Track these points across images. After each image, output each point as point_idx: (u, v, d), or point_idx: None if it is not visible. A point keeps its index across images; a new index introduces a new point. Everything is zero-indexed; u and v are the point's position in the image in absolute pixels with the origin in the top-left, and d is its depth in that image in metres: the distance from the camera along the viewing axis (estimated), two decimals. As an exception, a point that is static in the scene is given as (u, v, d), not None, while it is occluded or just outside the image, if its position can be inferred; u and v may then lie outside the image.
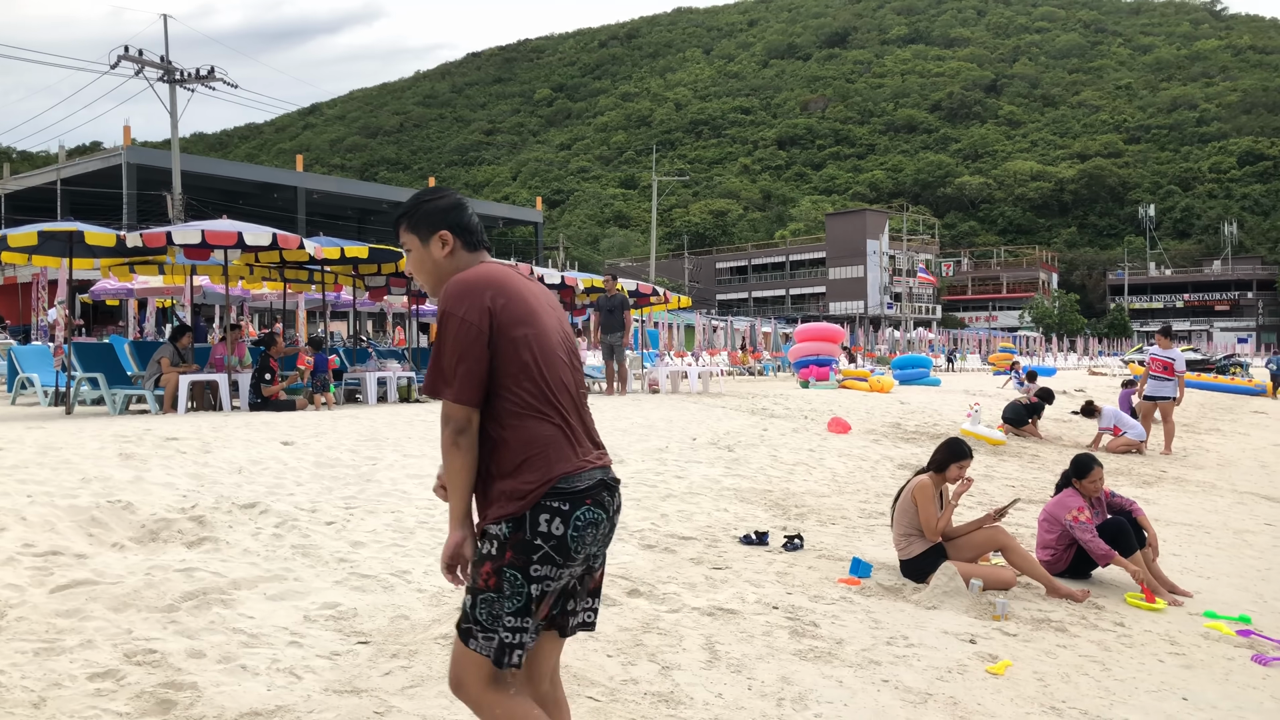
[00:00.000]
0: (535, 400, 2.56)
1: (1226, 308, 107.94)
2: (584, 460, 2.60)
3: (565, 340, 2.72)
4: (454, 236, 2.71)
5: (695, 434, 11.42)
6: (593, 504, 2.57)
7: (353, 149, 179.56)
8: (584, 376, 2.72)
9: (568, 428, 2.60)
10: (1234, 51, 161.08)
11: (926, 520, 6.00)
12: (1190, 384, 34.57)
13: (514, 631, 2.52)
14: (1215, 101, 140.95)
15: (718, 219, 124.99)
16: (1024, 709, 4.18)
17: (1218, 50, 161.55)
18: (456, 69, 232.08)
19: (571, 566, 2.58)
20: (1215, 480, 12.37)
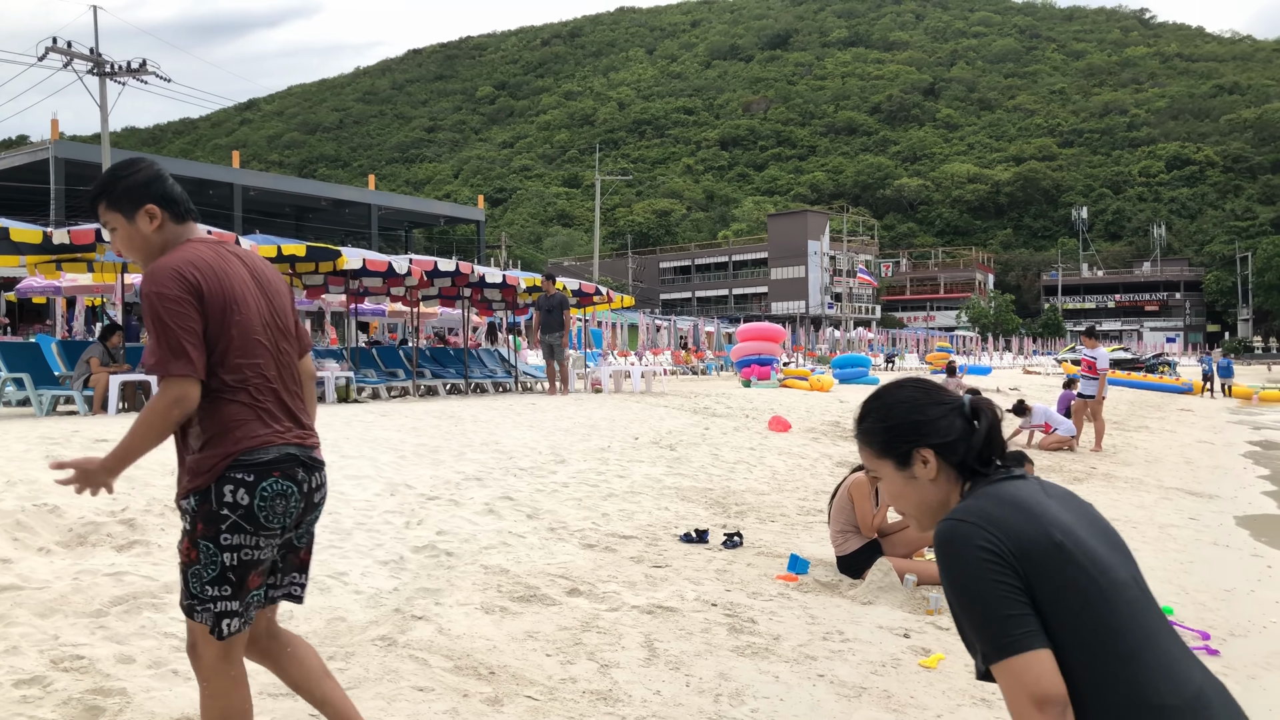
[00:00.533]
0: (230, 380, 2.65)
1: (1156, 308, 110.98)
2: (275, 436, 2.68)
3: (271, 321, 2.78)
4: (160, 209, 2.73)
5: (637, 433, 11.46)
6: (281, 476, 2.65)
7: (291, 145, 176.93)
8: (293, 358, 2.81)
9: (259, 407, 2.68)
10: (1162, 59, 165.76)
11: (862, 517, 6.09)
12: (1120, 382, 35.62)
13: (218, 600, 2.62)
14: (1144, 107, 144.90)
15: (661, 219, 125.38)
16: (955, 701, 4.27)
17: (1147, 57, 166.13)
18: (397, 65, 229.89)
19: (268, 536, 2.65)
20: (1143, 476, 12.72)
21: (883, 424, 1.90)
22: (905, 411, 1.89)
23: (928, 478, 1.87)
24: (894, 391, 1.94)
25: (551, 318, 16.29)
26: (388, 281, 16.26)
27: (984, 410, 1.87)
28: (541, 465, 8.75)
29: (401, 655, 4.12)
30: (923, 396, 1.91)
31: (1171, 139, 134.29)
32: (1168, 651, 1.65)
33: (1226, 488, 12.94)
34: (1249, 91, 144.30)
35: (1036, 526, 1.65)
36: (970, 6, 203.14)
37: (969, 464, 1.84)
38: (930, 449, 1.85)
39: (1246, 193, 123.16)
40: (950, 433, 1.84)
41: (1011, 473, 1.81)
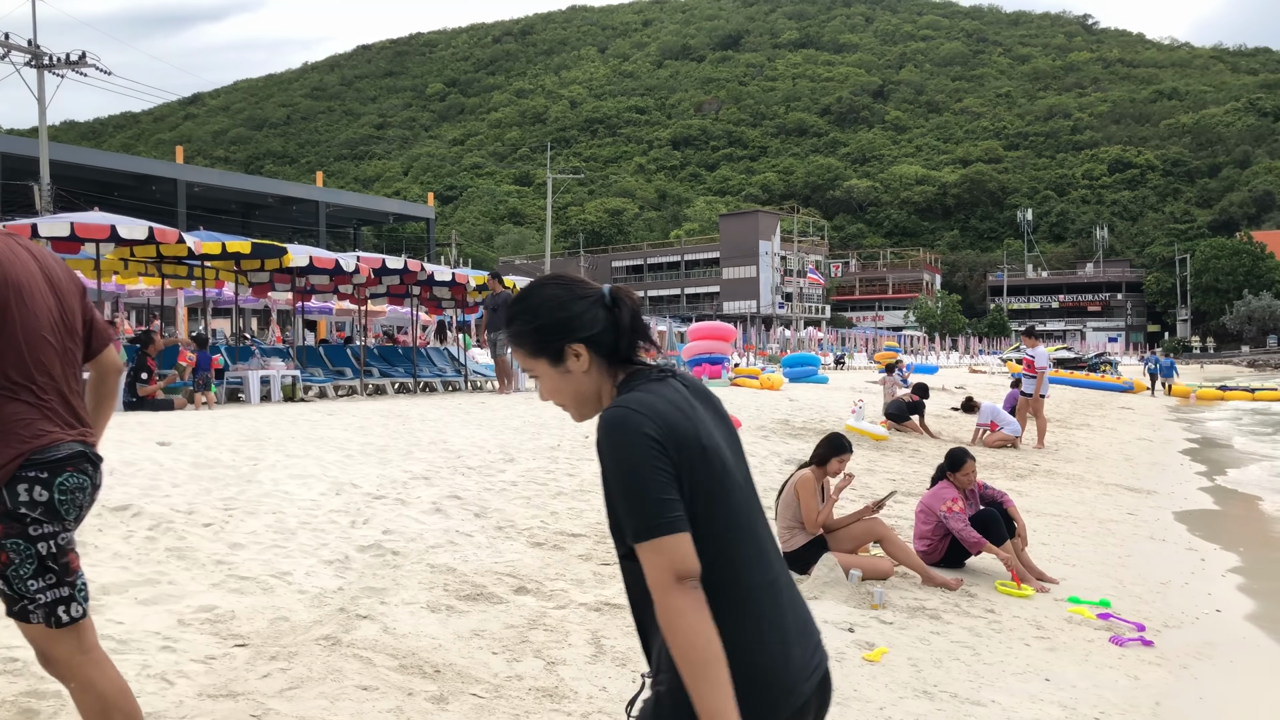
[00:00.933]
0: (16, 378, 2.62)
1: (1098, 308, 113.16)
2: (63, 434, 2.67)
3: (60, 321, 2.75)
4: None
5: (587, 432, 11.45)
6: (74, 470, 2.66)
7: (237, 141, 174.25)
8: (77, 357, 2.82)
9: (44, 405, 2.66)
10: (1104, 64, 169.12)
11: (808, 513, 6.16)
12: (1063, 381, 36.29)
13: (46, 590, 2.60)
14: (1087, 111, 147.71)
15: (614, 218, 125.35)
16: (898, 694, 4.33)
17: (1090, 62, 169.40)
18: (346, 61, 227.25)
19: (69, 526, 2.66)
20: (1084, 473, 12.98)
21: (531, 325, 1.95)
22: (551, 310, 1.93)
23: (581, 370, 1.94)
24: (537, 292, 1.98)
25: (497, 316, 16.20)
26: (335, 279, 16.09)
27: (623, 299, 1.95)
28: (490, 464, 8.72)
29: (346, 654, 4.08)
30: (565, 293, 1.95)
31: (1113, 143, 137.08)
32: (760, 543, 1.89)
33: (1164, 484, 13.26)
34: (1187, 97, 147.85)
35: (690, 426, 1.82)
36: (918, 10, 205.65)
37: (619, 353, 1.94)
38: (580, 343, 1.91)
39: (1185, 196, 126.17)
40: (596, 324, 1.92)
41: (664, 373, 1.93)
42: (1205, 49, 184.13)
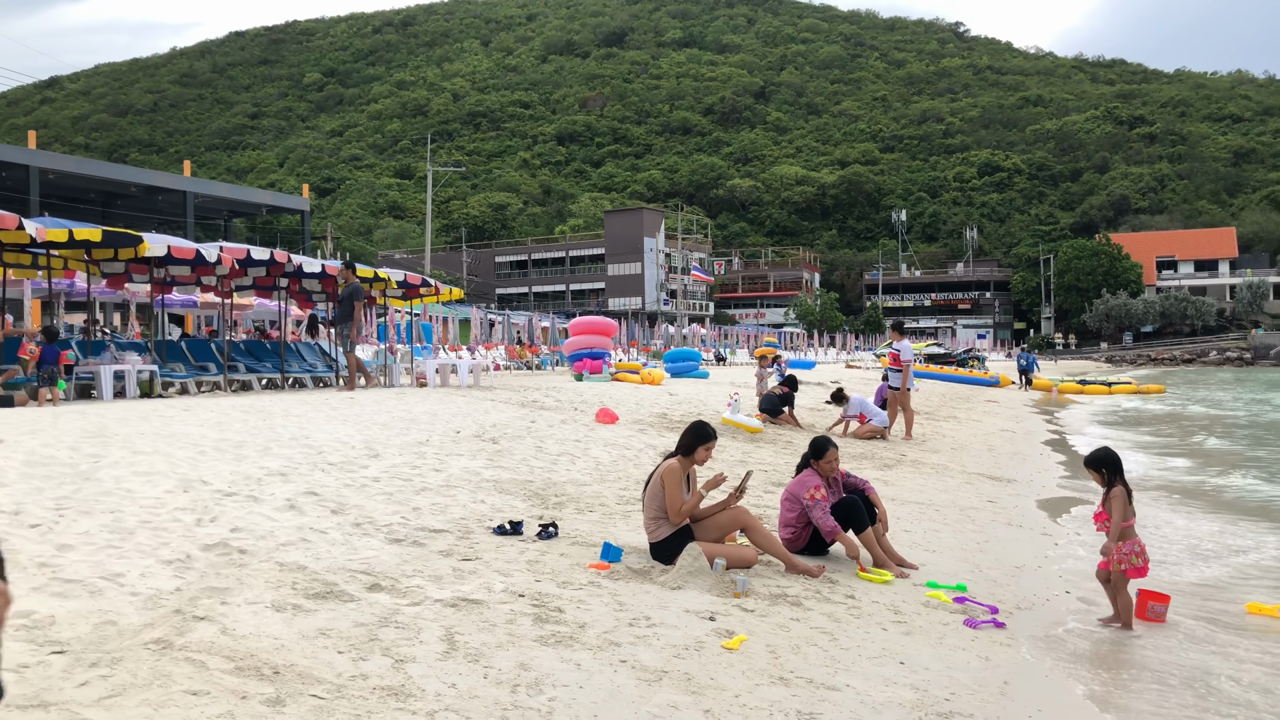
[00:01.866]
0: None
1: (968, 306, 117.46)
2: None
3: None
4: None
5: (460, 427, 11.24)
6: None
7: (100, 128, 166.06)
8: None
9: None
10: (975, 70, 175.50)
11: (672, 503, 6.12)
12: (933, 376, 37.48)
13: None
14: (959, 116, 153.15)
15: (497, 212, 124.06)
16: (754, 680, 4.32)
17: (961, 69, 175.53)
18: (218, 48, 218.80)
19: None
20: (948, 463, 13.37)
21: None
22: None
23: None
24: None
25: (342, 309, 15.68)
26: (197, 270, 15.41)
27: None
28: (353, 460, 8.44)
29: (177, 658, 3.84)
30: None
31: (983, 147, 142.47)
32: None
33: (1024, 473, 13.77)
34: (1051, 104, 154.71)
35: None
36: (799, 13, 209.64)
37: None
38: None
39: (1049, 199, 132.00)
40: None
41: None
42: (1068, 59, 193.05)
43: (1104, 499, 6.05)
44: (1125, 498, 5.94)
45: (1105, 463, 6.05)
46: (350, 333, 15.42)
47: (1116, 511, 5.94)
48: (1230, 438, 21.31)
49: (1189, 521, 10.38)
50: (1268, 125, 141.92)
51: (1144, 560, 5.98)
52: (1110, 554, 6.01)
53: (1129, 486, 6.06)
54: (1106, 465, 6.04)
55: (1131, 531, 5.98)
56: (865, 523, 6.76)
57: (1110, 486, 5.99)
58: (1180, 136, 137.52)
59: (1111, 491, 5.97)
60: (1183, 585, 7.38)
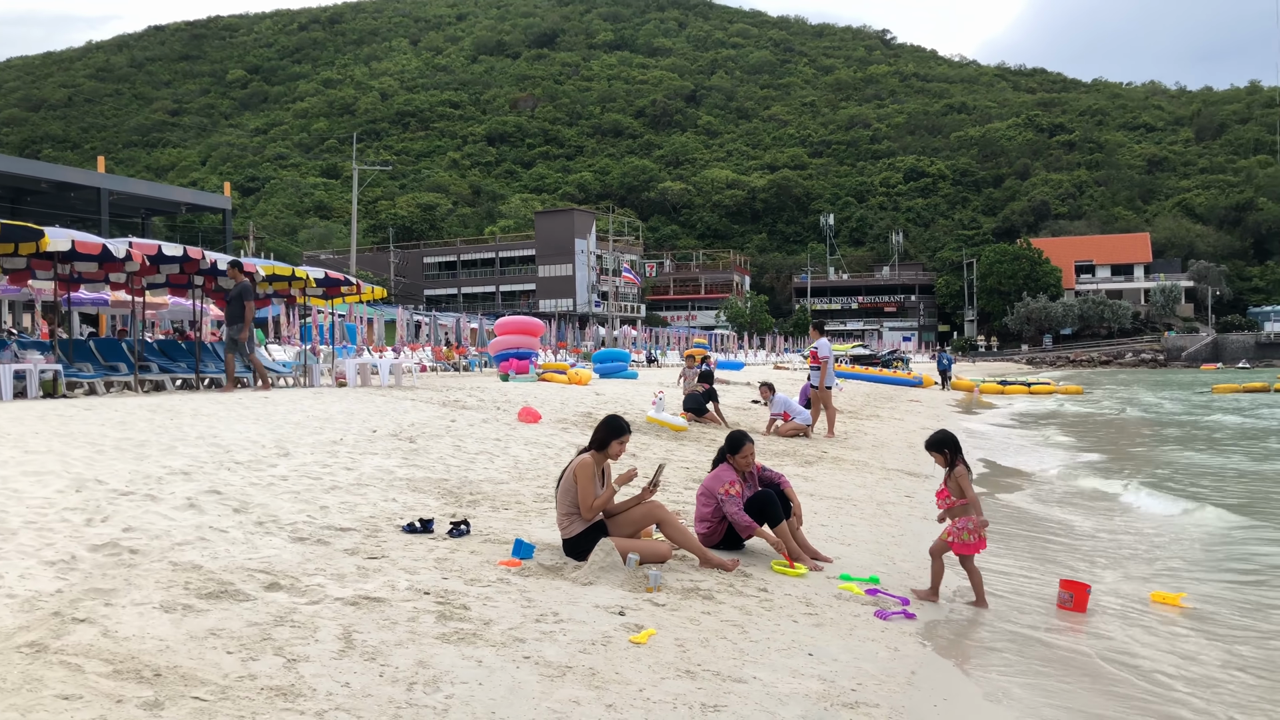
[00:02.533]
0: None
1: (894, 309, 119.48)
2: None
3: None
4: None
5: (376, 426, 11.02)
6: None
7: (11, 123, 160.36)
8: None
9: None
10: (901, 77, 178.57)
11: (585, 498, 6.04)
12: (858, 376, 37.94)
13: None
14: (885, 122, 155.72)
15: (426, 213, 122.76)
16: (660, 674, 4.26)
17: (888, 75, 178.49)
18: (136, 42, 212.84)
19: None
20: (868, 459, 13.51)
21: None
22: None
23: None
24: None
25: (231, 309, 15.25)
26: (105, 267, 14.90)
27: None
28: (261, 459, 8.20)
29: (50, 662, 3.65)
30: None
31: (909, 153, 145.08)
32: None
33: (940, 469, 13.96)
34: (974, 112, 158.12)
35: None
36: (729, 18, 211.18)
37: None
38: None
39: (972, 204, 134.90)
40: None
41: None
42: (991, 67, 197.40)
43: (946, 477, 6.30)
44: (967, 476, 6.23)
45: (945, 444, 6.33)
46: (241, 334, 14.92)
47: (966, 489, 6.19)
48: (1140, 437, 21.95)
49: (1085, 519, 10.62)
50: (1179, 135, 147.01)
51: (978, 538, 6.18)
52: (957, 527, 6.21)
53: (969, 466, 6.37)
54: (947, 446, 6.32)
55: (970, 509, 6.19)
56: (780, 517, 6.75)
57: (952, 466, 6.26)
58: (1097, 144, 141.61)
59: (955, 471, 6.24)
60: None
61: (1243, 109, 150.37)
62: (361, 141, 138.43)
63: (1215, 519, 10.25)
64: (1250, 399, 35.63)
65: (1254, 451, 17.56)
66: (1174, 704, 4.86)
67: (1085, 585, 6.50)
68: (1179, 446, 18.74)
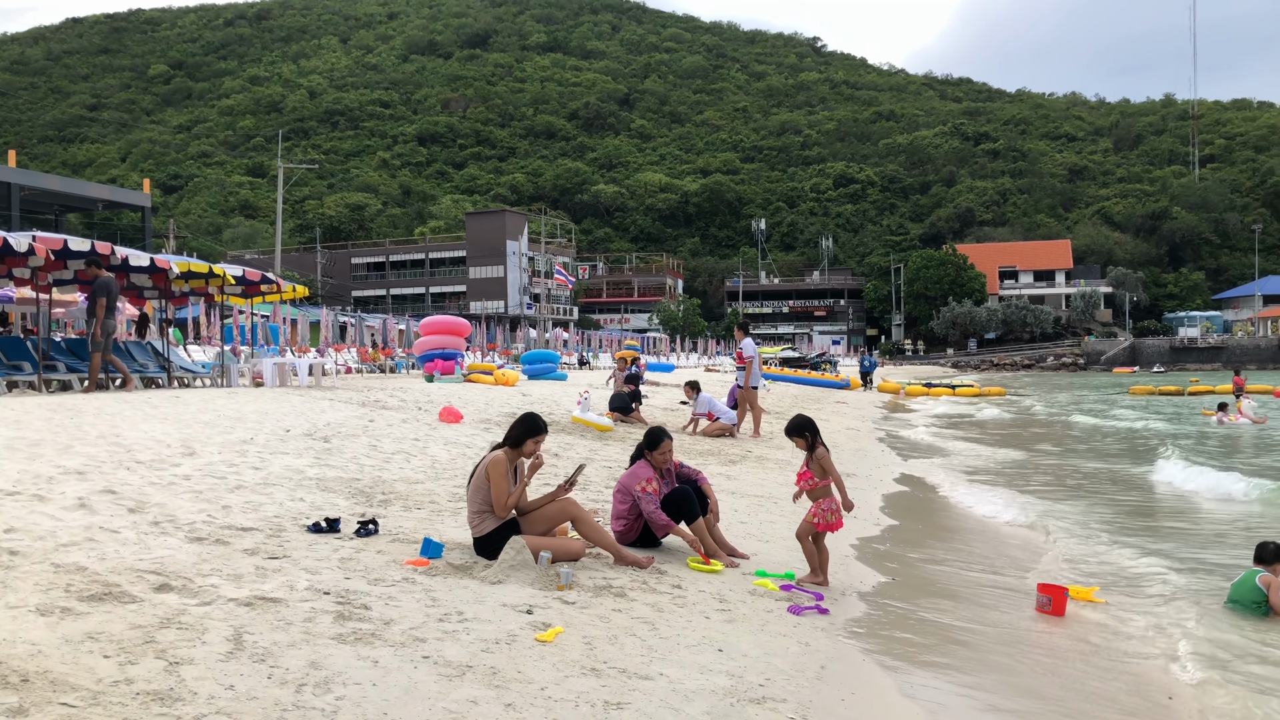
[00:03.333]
0: None
1: (824, 313, 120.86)
2: None
3: None
4: None
5: (291, 425, 10.74)
6: None
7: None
8: None
9: None
10: (831, 85, 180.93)
11: (497, 495, 5.91)
12: (788, 379, 38.24)
13: None
14: (816, 129, 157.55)
15: (355, 213, 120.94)
16: (564, 673, 4.15)
17: (818, 83, 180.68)
18: (53, 34, 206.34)
19: None
20: (792, 458, 13.54)
21: None
22: None
23: None
24: None
25: (89, 305, 14.72)
26: (8, 261, 14.32)
27: None
28: (164, 458, 7.91)
29: (-93, 669, 3.42)
30: None
31: (838, 159, 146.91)
32: None
33: (865, 467, 14.10)
34: (903, 119, 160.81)
35: None
36: (662, 23, 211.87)
37: None
38: None
39: (900, 210, 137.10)
40: None
41: None
42: (919, 76, 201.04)
43: (807, 460, 6.51)
44: (828, 457, 6.50)
45: (805, 428, 6.55)
46: (94, 331, 14.34)
47: (829, 468, 6.45)
48: (1051, 440, 22.45)
49: (1007, 510, 10.79)
50: (1098, 145, 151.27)
51: (838, 517, 6.42)
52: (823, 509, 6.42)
53: (827, 448, 6.62)
54: (807, 430, 6.54)
55: (830, 490, 6.42)
56: (696, 513, 6.70)
57: (813, 449, 6.48)
58: (1021, 153, 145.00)
59: (815, 454, 6.48)
60: (1006, 571, 7.60)
61: (1158, 121, 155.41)
62: (289, 140, 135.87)
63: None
64: (1156, 401, 36.78)
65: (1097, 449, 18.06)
66: (1090, 699, 4.90)
67: (1063, 589, 6.52)
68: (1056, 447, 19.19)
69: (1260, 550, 6.59)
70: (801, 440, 6.50)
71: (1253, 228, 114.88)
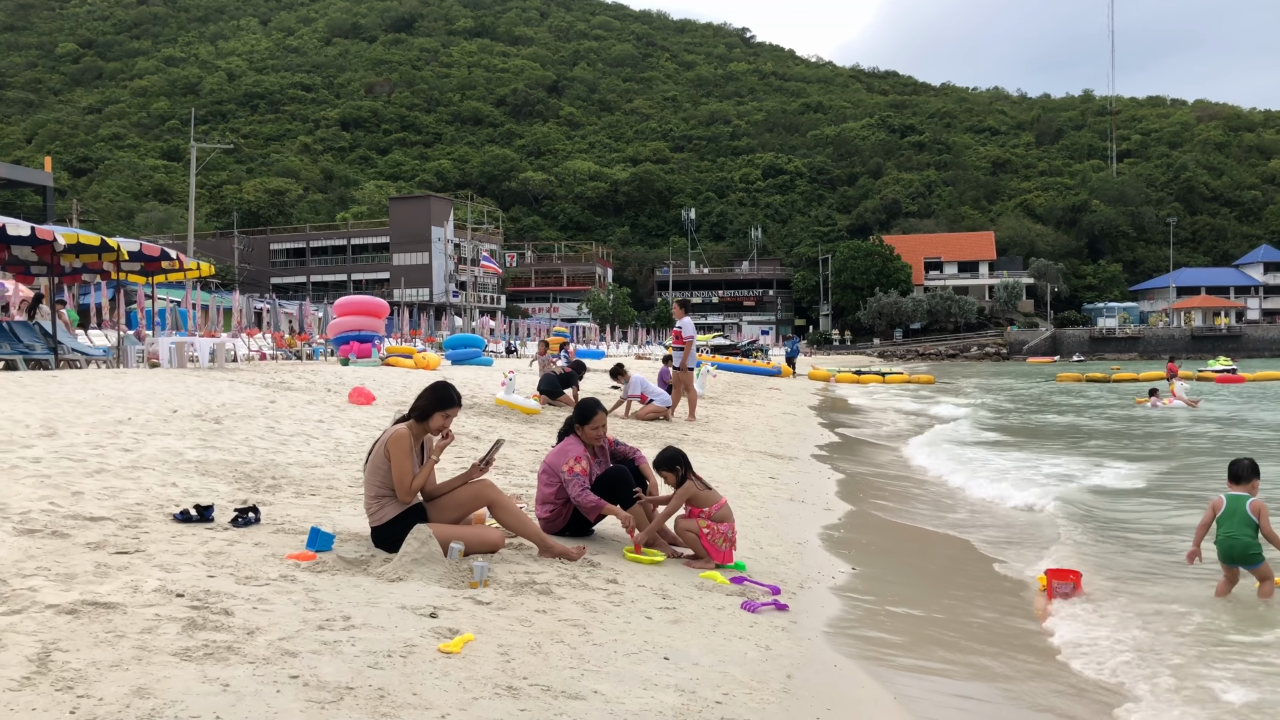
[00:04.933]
0: None
1: (753, 303, 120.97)
2: None
3: None
4: None
5: (180, 406, 9.64)
6: None
7: None
8: None
9: None
10: (760, 76, 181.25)
11: (400, 477, 5.00)
12: (719, 366, 37.68)
13: None
14: (745, 119, 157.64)
15: (275, 198, 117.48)
16: (472, 692, 3.29)
17: (747, 73, 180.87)
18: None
19: None
20: (730, 442, 12.82)
21: None
22: None
23: None
24: None
25: None
26: None
27: None
28: (16, 439, 6.82)
29: None
30: None
31: (767, 150, 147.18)
32: None
33: (805, 450, 13.42)
34: (830, 111, 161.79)
35: None
36: (591, 10, 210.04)
37: None
38: None
39: (828, 201, 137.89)
40: None
41: None
42: (846, 69, 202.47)
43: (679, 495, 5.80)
44: (697, 492, 5.79)
45: (676, 461, 5.87)
46: None
47: (695, 500, 5.78)
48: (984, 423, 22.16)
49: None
50: (1020, 138, 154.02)
51: (730, 545, 5.77)
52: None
53: (700, 477, 5.95)
54: (679, 463, 5.86)
55: (726, 513, 5.79)
56: (633, 496, 5.87)
57: (682, 482, 5.80)
58: (946, 146, 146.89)
59: (682, 488, 5.78)
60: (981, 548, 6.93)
61: (1078, 116, 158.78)
62: (206, 123, 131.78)
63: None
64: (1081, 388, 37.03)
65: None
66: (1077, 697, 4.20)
67: (1076, 573, 5.91)
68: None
69: (1234, 468, 5.95)
70: (671, 475, 5.80)
71: (1167, 221, 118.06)
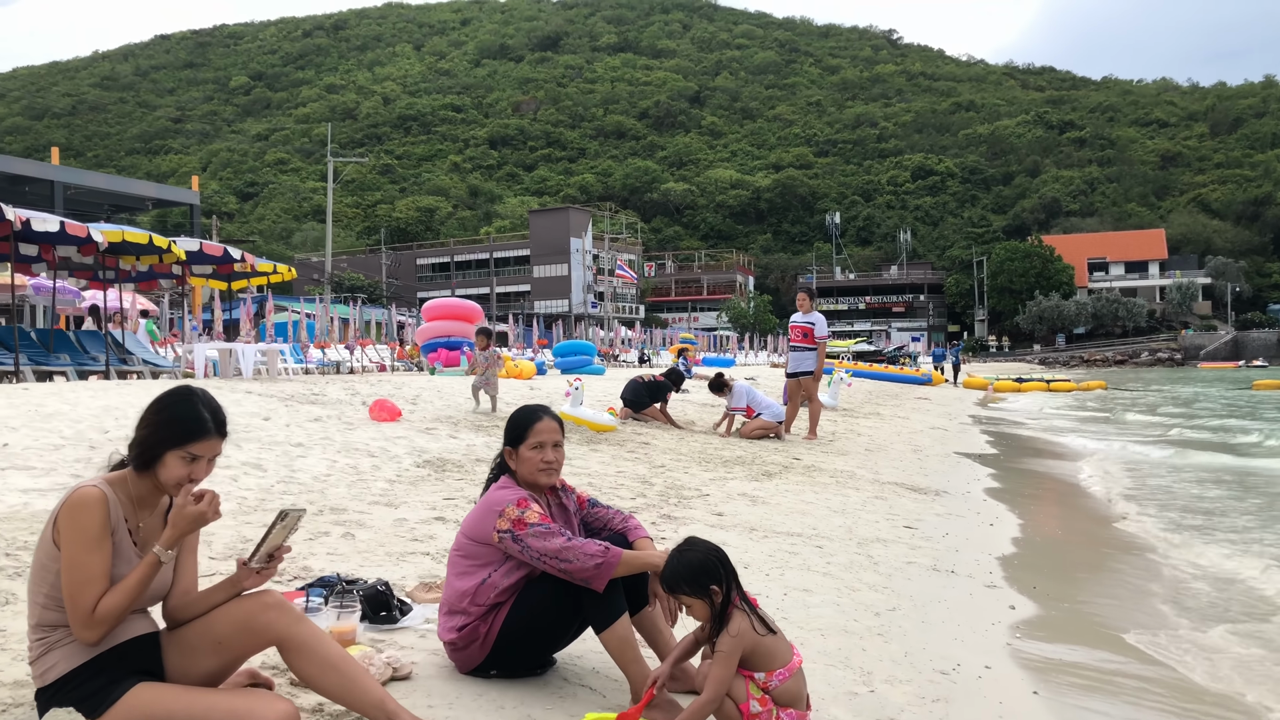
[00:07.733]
0: None
1: (903, 309, 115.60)
2: None
3: None
4: None
5: (109, 427, 7.58)
6: None
7: (15, 131, 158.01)
8: None
9: None
10: (908, 76, 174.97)
11: (75, 588, 2.52)
12: (861, 374, 34.40)
13: None
14: (892, 121, 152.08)
15: (424, 216, 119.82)
16: None
17: (894, 75, 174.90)
18: (142, 51, 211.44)
19: None
20: (856, 469, 9.98)
21: None
22: None
23: None
24: None
25: None
26: None
27: None
28: None
29: None
30: None
31: (916, 151, 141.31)
32: None
33: (958, 482, 10.38)
34: (983, 110, 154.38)
35: None
36: (734, 20, 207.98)
37: None
38: None
39: (982, 202, 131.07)
40: None
41: None
42: (999, 66, 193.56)
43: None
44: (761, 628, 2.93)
45: (706, 573, 2.94)
46: None
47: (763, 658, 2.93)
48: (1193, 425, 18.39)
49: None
50: (1193, 130, 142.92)
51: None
52: None
53: (755, 603, 2.99)
54: (712, 578, 2.94)
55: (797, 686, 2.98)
56: (640, 600, 3.27)
57: (722, 612, 2.93)
58: (1109, 141, 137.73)
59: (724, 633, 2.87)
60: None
61: (1258, 103, 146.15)
62: (362, 146, 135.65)
63: None
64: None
65: None
66: None
67: None
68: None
69: None
70: (697, 600, 2.91)
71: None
